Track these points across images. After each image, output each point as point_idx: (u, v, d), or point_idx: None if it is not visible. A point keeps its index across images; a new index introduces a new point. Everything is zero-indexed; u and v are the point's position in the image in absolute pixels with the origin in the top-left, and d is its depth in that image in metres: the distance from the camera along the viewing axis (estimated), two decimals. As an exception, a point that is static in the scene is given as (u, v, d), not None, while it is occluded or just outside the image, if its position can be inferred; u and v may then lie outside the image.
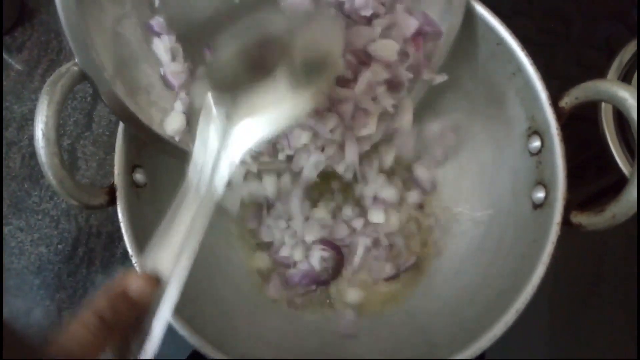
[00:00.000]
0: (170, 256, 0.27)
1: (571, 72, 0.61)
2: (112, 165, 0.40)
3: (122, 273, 0.27)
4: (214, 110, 0.32)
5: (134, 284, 0.26)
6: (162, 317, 0.26)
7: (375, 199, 0.48)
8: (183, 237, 0.28)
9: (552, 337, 0.50)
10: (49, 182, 0.35)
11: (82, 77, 0.34)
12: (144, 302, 0.26)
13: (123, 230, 0.37)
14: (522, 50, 0.41)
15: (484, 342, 0.36)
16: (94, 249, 0.56)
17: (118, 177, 0.38)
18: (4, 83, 0.63)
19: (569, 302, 0.51)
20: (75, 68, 0.34)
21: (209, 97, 0.32)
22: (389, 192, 0.48)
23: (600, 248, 0.53)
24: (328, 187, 0.50)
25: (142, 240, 0.39)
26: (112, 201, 0.38)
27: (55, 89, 0.33)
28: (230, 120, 0.31)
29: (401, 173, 0.52)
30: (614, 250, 0.52)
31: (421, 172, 0.50)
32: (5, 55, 0.65)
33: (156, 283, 0.26)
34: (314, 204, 0.49)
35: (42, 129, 0.32)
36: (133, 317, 0.25)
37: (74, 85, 0.34)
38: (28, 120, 0.61)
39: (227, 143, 0.30)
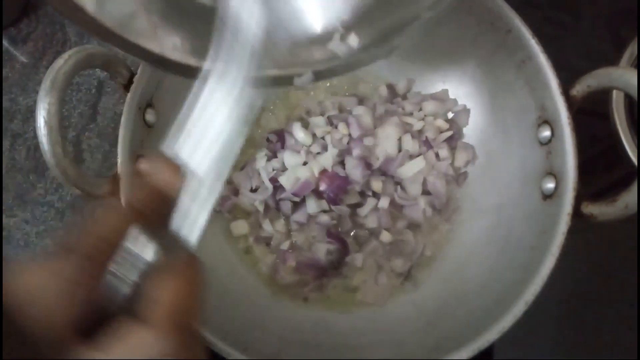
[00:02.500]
0: (204, 150, 0.24)
1: (579, 65, 0.60)
2: (117, 157, 0.39)
3: (149, 161, 0.24)
4: None
5: (163, 174, 0.23)
6: (197, 218, 0.24)
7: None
8: (216, 130, 0.24)
9: (560, 334, 0.49)
10: (51, 171, 0.34)
11: (85, 63, 0.34)
12: (172, 194, 0.23)
13: (127, 220, 0.37)
14: (533, 38, 0.40)
15: (493, 334, 0.35)
16: (99, 241, 0.55)
17: (121, 166, 0.38)
18: (9, 75, 0.63)
19: (576, 300, 0.50)
20: (78, 55, 0.34)
21: None
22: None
23: (609, 245, 0.52)
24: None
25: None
26: (116, 190, 0.38)
27: (57, 76, 0.33)
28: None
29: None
30: (623, 248, 0.51)
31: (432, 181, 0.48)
32: (10, 47, 0.64)
33: (182, 175, 0.24)
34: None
35: (44, 117, 0.32)
36: (163, 208, 0.23)
37: (76, 72, 0.34)
38: (33, 112, 0.60)
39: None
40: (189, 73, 0.30)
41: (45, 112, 0.32)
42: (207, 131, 0.24)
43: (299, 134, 0.48)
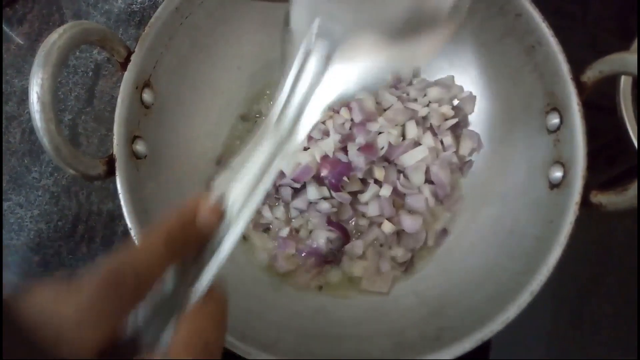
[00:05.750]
0: (241, 191, 0.25)
1: (586, 56, 0.59)
2: (113, 142, 0.38)
3: (194, 198, 0.25)
4: (316, 41, 0.26)
5: (205, 212, 0.24)
6: (224, 252, 0.24)
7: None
8: (256, 174, 0.25)
9: (556, 333, 0.49)
10: (44, 150, 0.33)
11: (81, 39, 0.33)
12: (209, 232, 0.24)
13: (122, 202, 0.36)
14: (543, 22, 0.39)
15: (496, 325, 0.35)
16: (94, 226, 0.54)
17: (117, 147, 0.37)
18: (5, 56, 0.62)
19: (574, 298, 0.49)
20: (73, 29, 0.33)
21: (315, 26, 0.26)
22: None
23: (607, 240, 0.51)
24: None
25: (142, 213, 0.37)
26: (111, 172, 0.37)
27: (51, 51, 0.31)
28: (330, 59, 0.26)
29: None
30: (621, 244, 0.51)
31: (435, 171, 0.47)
32: (6, 28, 0.63)
33: (223, 216, 0.25)
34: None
35: (37, 92, 0.31)
36: (196, 245, 0.24)
37: (71, 48, 0.33)
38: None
39: (321, 83, 0.26)
40: None
41: (38, 87, 0.31)
42: (249, 175, 0.25)
43: None
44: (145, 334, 0.22)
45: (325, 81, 0.26)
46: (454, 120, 0.48)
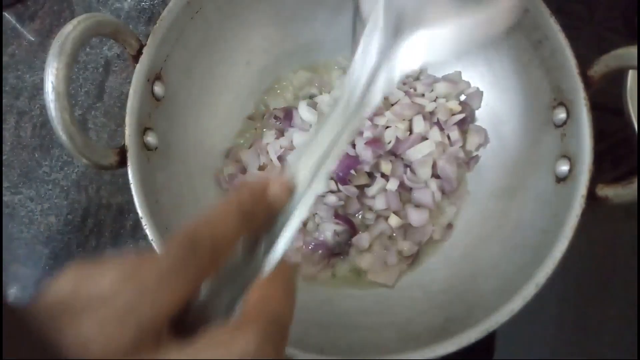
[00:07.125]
0: (309, 168, 0.25)
1: (592, 55, 0.60)
2: (123, 138, 0.38)
3: (265, 172, 0.25)
4: (382, 18, 0.26)
5: (275, 187, 0.25)
6: (293, 227, 0.24)
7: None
8: (325, 150, 0.25)
9: (560, 334, 0.49)
10: (58, 139, 0.34)
11: (94, 31, 0.33)
12: (279, 206, 0.25)
13: (133, 192, 0.36)
14: (551, 17, 0.39)
15: (502, 316, 0.35)
16: (103, 220, 0.55)
17: (129, 137, 0.37)
18: (16, 52, 0.63)
19: (577, 299, 0.49)
20: (87, 22, 0.33)
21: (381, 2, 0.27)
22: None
23: (614, 242, 0.51)
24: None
25: (153, 204, 0.38)
26: (123, 162, 0.37)
27: (66, 41, 0.32)
28: (399, 32, 0.26)
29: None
30: (626, 246, 0.51)
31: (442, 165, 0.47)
32: (17, 24, 0.64)
33: (293, 192, 0.25)
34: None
35: (52, 82, 0.31)
36: (266, 218, 0.24)
37: (85, 39, 0.33)
38: (39, 89, 0.61)
39: (389, 58, 0.26)
40: None
41: (53, 77, 0.31)
42: (318, 151, 0.26)
43: (305, 113, 0.47)
44: (214, 305, 0.22)
45: (393, 55, 0.26)
46: (461, 116, 0.48)
